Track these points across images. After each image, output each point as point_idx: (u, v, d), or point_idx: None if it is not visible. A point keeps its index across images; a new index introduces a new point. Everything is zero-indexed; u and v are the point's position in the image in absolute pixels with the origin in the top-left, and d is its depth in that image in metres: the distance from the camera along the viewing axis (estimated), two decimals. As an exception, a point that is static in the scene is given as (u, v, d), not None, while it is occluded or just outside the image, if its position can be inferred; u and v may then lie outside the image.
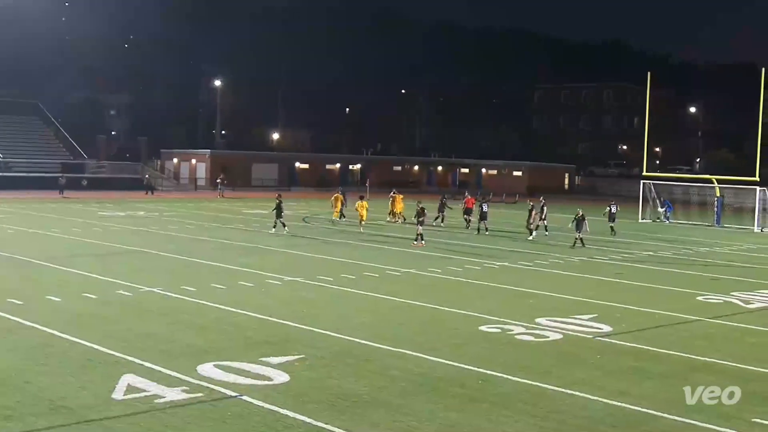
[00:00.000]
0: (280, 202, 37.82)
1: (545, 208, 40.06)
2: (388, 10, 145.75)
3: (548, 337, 16.80)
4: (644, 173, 56.58)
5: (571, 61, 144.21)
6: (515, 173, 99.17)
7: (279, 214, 37.08)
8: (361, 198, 42.77)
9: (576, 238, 34.58)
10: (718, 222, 50.85)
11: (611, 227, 41.43)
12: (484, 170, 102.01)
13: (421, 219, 33.77)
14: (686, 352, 15.77)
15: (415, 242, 33.16)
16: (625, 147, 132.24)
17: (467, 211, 42.90)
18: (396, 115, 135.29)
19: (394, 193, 46.39)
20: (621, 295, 22.38)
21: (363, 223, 39.93)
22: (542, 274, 26.55)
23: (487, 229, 39.53)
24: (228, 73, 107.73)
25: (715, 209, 51.98)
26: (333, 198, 44.97)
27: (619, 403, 12.32)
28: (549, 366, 14.44)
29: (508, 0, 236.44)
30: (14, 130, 78.62)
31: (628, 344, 16.39)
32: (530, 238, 37.73)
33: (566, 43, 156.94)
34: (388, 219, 45.00)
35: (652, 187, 54.43)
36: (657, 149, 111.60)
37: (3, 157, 72.41)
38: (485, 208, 40.30)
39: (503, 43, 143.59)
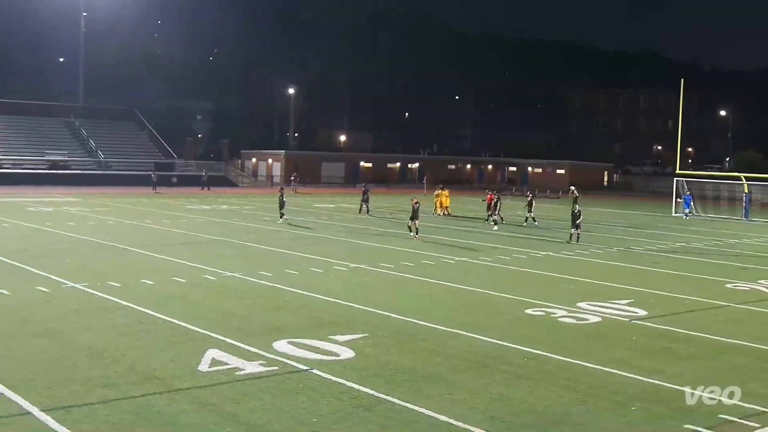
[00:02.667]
0: (282, 195, 38.52)
1: (533, 201, 40.57)
2: (439, 25, 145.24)
3: (588, 319, 16.62)
4: (677, 171, 55.60)
5: (609, 69, 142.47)
6: (558, 171, 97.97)
7: (282, 206, 37.62)
8: (441, 189, 44.48)
9: (572, 233, 32.11)
10: (746, 216, 49.84)
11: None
12: (529, 168, 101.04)
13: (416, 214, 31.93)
14: (715, 335, 15.47)
15: (415, 236, 31.14)
16: (659, 147, 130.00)
17: (488, 207, 40.83)
18: (449, 118, 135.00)
19: (441, 188, 46.22)
20: (655, 283, 22.02)
21: (441, 212, 42.86)
22: (583, 263, 26.23)
23: (503, 220, 39.41)
24: (300, 82, 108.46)
25: (744, 204, 50.98)
26: (435, 194, 45.77)
27: (653, 381, 12.13)
28: (589, 346, 14.29)
29: (550, 13, 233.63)
30: (113, 134, 79.97)
31: (661, 327, 16.13)
32: (525, 224, 39.08)
33: (604, 53, 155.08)
34: (437, 212, 44.73)
35: (685, 183, 53.43)
36: (689, 149, 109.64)
37: (104, 158, 73.77)
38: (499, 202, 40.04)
39: (545, 53, 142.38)
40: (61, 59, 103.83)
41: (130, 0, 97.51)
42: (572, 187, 44.06)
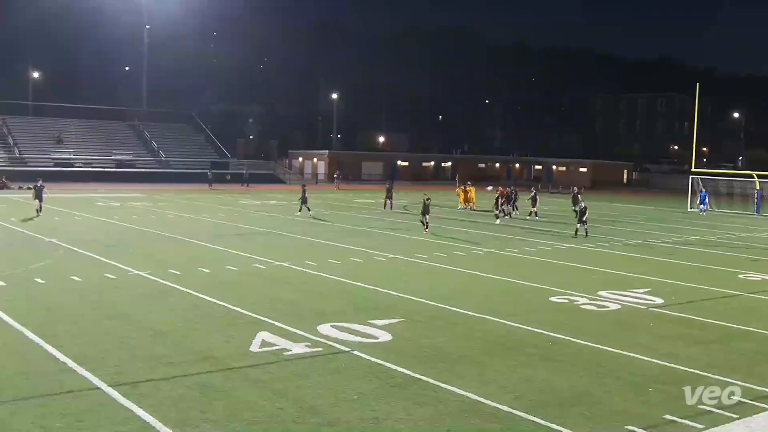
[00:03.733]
0: (304, 191, 38.36)
1: (537, 197, 40.24)
2: (471, 35, 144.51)
3: (608, 307, 16.46)
4: (692, 169, 54.80)
5: (629, 76, 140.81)
6: (581, 169, 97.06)
7: (305, 201, 37.58)
8: (468, 184, 44.69)
9: (578, 228, 30.73)
10: (757, 211, 49.00)
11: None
12: (554, 167, 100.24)
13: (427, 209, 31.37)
14: (727, 322, 15.23)
15: (426, 229, 30.53)
16: (675, 147, 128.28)
17: (504, 201, 39.56)
18: (479, 121, 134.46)
19: (469, 184, 46.15)
20: (671, 273, 21.74)
21: (468, 206, 43.53)
22: (604, 254, 25.97)
23: (515, 211, 39.63)
24: (342, 88, 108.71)
25: (755, 200, 50.16)
26: (462, 189, 45.76)
27: (670, 364, 11.99)
28: (609, 331, 14.17)
29: (572, 23, 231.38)
30: (173, 135, 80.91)
31: (677, 314, 15.93)
32: (528, 217, 38.59)
33: (624, 60, 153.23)
34: (463, 206, 44.68)
35: (699, 181, 52.63)
36: (704, 149, 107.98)
37: (165, 157, 74.62)
38: (514, 197, 40.06)
39: (569, 61, 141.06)
40: (127, 68, 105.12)
41: (189, 14, 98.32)
42: (574, 188, 43.66)
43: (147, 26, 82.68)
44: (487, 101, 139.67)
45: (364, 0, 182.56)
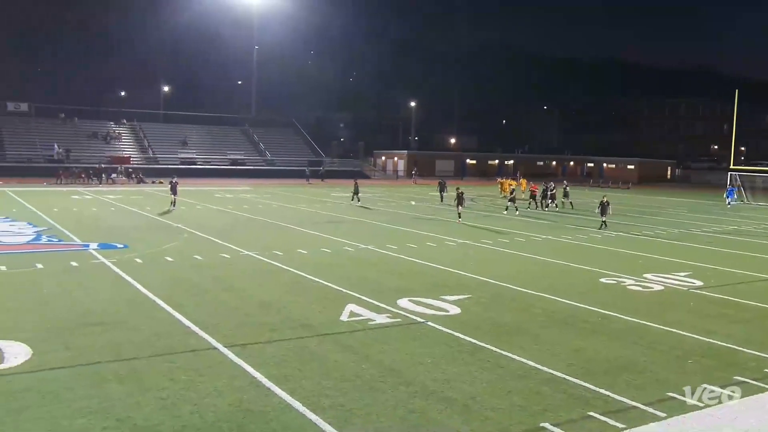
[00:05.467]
0: (357, 184, 39.66)
1: (553, 190, 38.53)
2: (530, 51, 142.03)
3: (653, 288, 15.95)
4: (731, 166, 52.45)
5: (672, 82, 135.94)
6: (628, 167, 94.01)
7: (356, 192, 38.68)
8: (515, 179, 44.26)
9: (602, 221, 28.46)
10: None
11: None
12: (605, 165, 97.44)
13: (461, 201, 30.23)
14: (762, 303, 14.54)
15: (458, 219, 29.50)
16: (715, 147, 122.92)
17: (533, 195, 38.75)
18: (538, 124, 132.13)
19: (519, 177, 45.65)
20: (711, 259, 20.90)
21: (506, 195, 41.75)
22: (649, 242, 25.15)
23: (550, 205, 37.89)
24: (419, 96, 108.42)
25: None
26: (499, 183, 45.26)
27: (708, 339, 11.56)
28: (653, 310, 13.72)
29: (620, 37, 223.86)
30: (277, 138, 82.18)
31: (715, 295, 15.30)
32: (547, 209, 36.72)
33: (668, 69, 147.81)
34: (504, 195, 44.24)
35: (737, 177, 50.34)
36: (742, 148, 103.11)
37: (270, 157, 75.95)
38: (549, 192, 38.22)
39: (616, 70, 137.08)
40: (239, 82, 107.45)
41: (290, 36, 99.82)
42: (565, 182, 42.50)
43: (256, 47, 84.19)
44: (545, 107, 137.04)
45: (440, 21, 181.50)
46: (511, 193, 35.81)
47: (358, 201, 38.40)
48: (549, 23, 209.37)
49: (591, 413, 8.28)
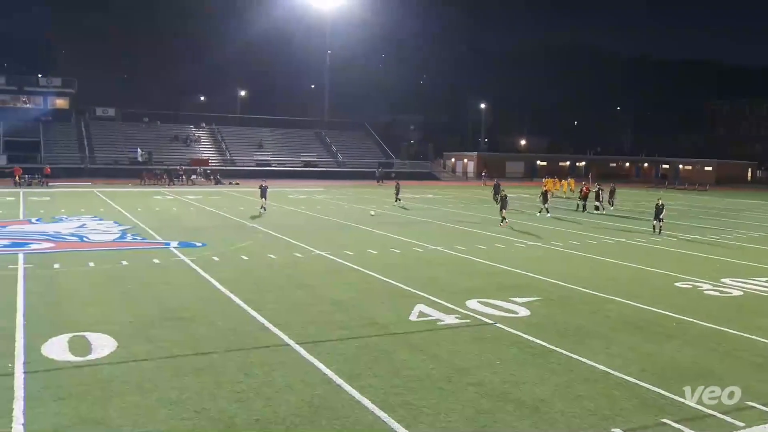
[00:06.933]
0: (398, 184, 39.94)
1: (602, 191, 37.20)
2: (600, 50, 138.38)
3: (731, 293, 15.27)
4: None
5: (750, 82, 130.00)
6: (706, 168, 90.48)
7: (397, 192, 38.61)
8: (567, 177, 43.88)
9: (654, 225, 26.63)
10: None
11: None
12: (681, 166, 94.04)
13: (504, 204, 28.56)
14: None
15: (501, 224, 27.83)
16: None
17: (584, 197, 36.75)
18: (612, 124, 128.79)
19: (549, 178, 44.84)
20: (794, 263, 19.85)
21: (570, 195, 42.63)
22: (727, 246, 24.08)
23: (611, 207, 36.96)
24: (489, 98, 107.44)
25: None
26: (550, 182, 44.96)
27: (791, 347, 10.98)
28: (731, 315, 13.14)
29: (695, 36, 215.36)
30: (349, 141, 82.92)
31: (799, 302, 14.53)
32: (597, 212, 35.45)
33: (747, 68, 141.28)
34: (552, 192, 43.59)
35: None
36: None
37: (342, 158, 76.75)
38: (600, 194, 36.82)
39: (691, 69, 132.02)
40: (312, 86, 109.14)
41: (362, 41, 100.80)
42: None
43: (329, 51, 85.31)
44: (618, 108, 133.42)
45: (504, 25, 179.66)
46: (545, 195, 33.87)
47: (400, 202, 38.06)
48: (622, 21, 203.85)
49: (665, 420, 8.01)
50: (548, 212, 33.29)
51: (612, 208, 37.15)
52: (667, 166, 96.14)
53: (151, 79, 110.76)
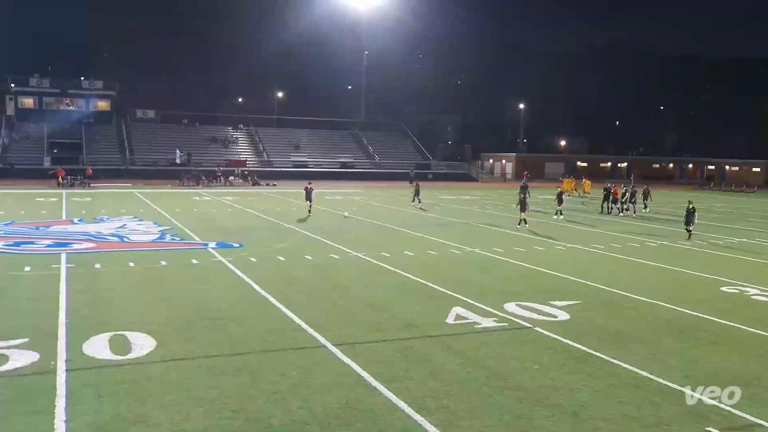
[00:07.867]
0: (418, 185, 39.78)
1: (636, 192, 36.69)
2: (644, 48, 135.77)
3: (780, 298, 14.86)
4: None
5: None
6: (753, 169, 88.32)
7: (417, 193, 38.43)
8: (587, 178, 43.60)
9: (686, 229, 25.69)
10: None
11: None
12: (727, 167, 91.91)
13: (525, 207, 27.77)
14: None
15: (519, 226, 27.20)
16: None
17: (615, 200, 36.06)
18: (653, 125, 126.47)
19: (584, 179, 44.25)
20: None
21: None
22: (775, 249, 23.46)
23: (645, 209, 36.52)
24: (527, 98, 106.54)
25: None
26: (582, 183, 44.56)
27: (844, 355, 10.62)
28: (780, 321, 12.78)
29: (740, 34, 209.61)
30: (385, 141, 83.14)
31: None
32: (622, 214, 34.94)
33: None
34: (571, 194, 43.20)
35: None
36: None
37: (378, 159, 76.89)
38: (635, 195, 36.27)
39: (736, 68, 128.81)
40: (349, 87, 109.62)
41: (399, 42, 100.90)
42: (645, 185, 40.09)
43: (365, 52, 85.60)
44: (661, 107, 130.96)
45: (544, 23, 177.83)
46: (560, 196, 33.23)
47: (420, 203, 37.86)
48: (663, 20, 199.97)
49: (709, 428, 7.83)
50: (561, 214, 32.71)
51: (646, 211, 36.51)
52: (713, 167, 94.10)
53: (190, 82, 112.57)
